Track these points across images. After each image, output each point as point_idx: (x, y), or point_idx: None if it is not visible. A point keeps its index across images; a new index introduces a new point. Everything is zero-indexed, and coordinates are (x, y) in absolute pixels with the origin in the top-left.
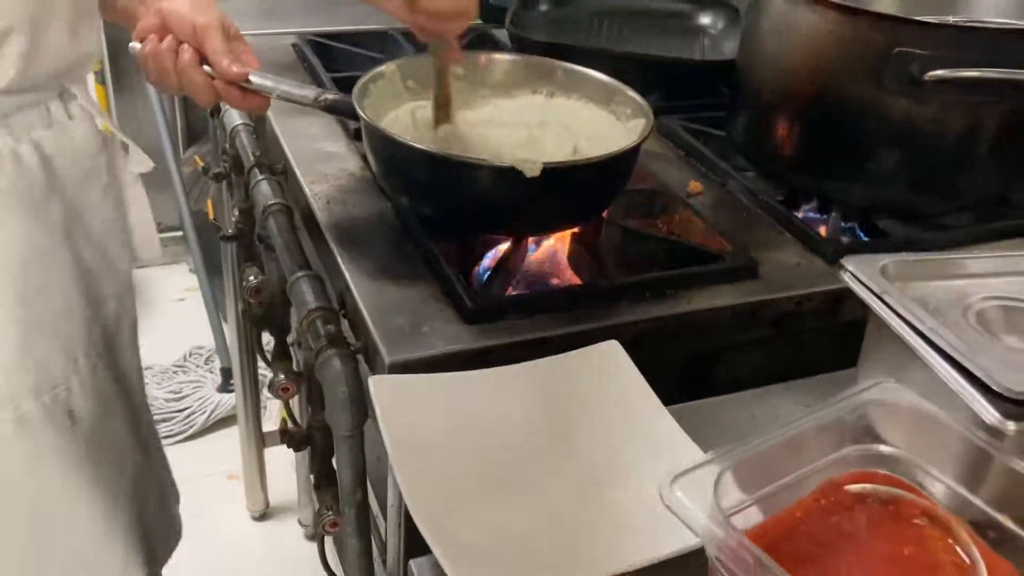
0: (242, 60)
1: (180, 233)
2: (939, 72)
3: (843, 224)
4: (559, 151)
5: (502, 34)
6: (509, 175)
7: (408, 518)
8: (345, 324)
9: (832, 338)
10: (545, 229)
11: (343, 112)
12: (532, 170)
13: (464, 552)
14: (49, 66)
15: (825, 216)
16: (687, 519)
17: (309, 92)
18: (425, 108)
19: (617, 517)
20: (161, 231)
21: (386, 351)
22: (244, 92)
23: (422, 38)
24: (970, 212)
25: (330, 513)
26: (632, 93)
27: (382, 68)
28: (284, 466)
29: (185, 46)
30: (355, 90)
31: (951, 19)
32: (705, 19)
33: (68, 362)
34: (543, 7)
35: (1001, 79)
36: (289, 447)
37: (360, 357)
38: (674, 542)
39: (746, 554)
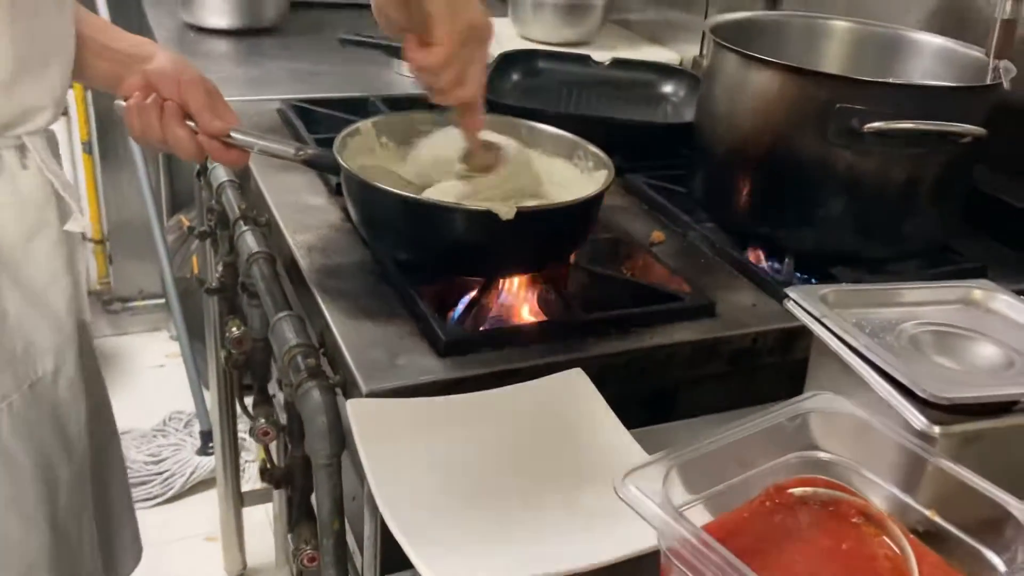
0: (224, 117)
1: (163, 300)
2: (877, 124)
3: (797, 274)
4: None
5: None
6: (484, 218)
7: (384, 548)
8: (325, 363)
9: (786, 375)
10: (516, 270)
11: (321, 165)
12: (507, 214)
13: (437, 553)
14: None
15: (779, 266)
16: (642, 512)
17: (289, 147)
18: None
19: (581, 521)
20: (144, 298)
21: (363, 381)
22: (227, 146)
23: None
24: (916, 259)
25: (308, 548)
26: (593, 148)
27: (358, 124)
28: (261, 527)
29: (169, 102)
30: (335, 143)
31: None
32: (668, 87)
33: None
34: (515, 76)
35: (933, 131)
36: (269, 484)
37: (339, 391)
38: (632, 544)
39: (703, 546)
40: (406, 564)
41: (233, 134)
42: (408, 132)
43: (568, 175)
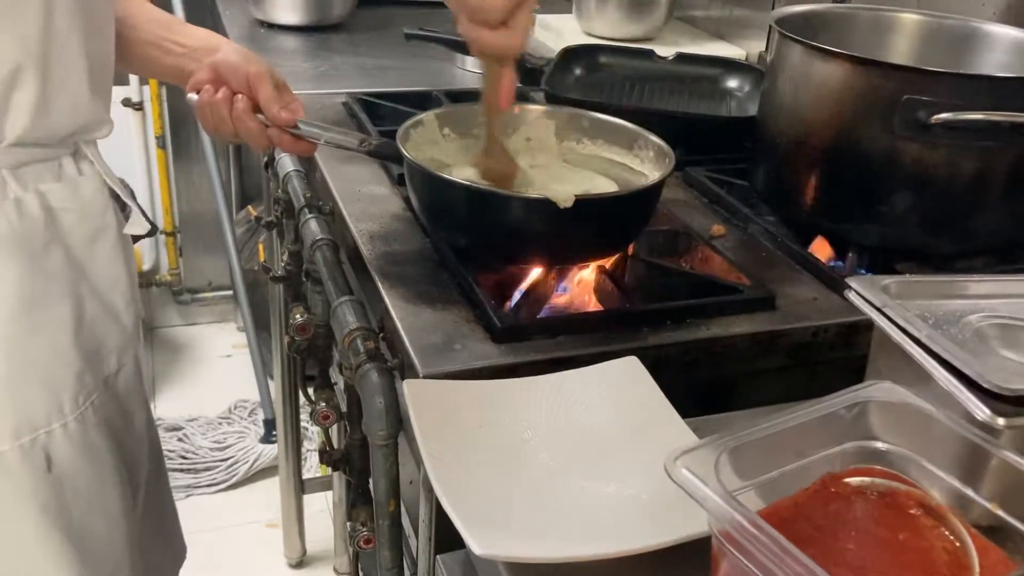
0: (291, 108)
1: (231, 292)
2: (945, 115)
3: (860, 270)
4: (587, 187)
5: (538, 95)
6: (542, 206)
7: (438, 529)
8: (384, 347)
9: (848, 370)
10: (573, 260)
11: (385, 155)
12: (565, 201)
13: (488, 532)
14: (63, 122)
15: (842, 261)
16: (694, 493)
17: (354, 138)
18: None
19: (633, 505)
20: (212, 289)
21: (420, 364)
22: (295, 138)
23: (476, 53)
24: (985, 256)
25: (364, 530)
26: (653, 137)
27: (422, 116)
28: (322, 515)
29: (239, 96)
30: (398, 134)
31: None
32: (732, 83)
33: (53, 408)
34: (577, 71)
35: (1004, 122)
36: (327, 466)
37: (396, 374)
38: (683, 529)
39: (756, 530)
40: (459, 546)
41: (300, 125)
42: (471, 123)
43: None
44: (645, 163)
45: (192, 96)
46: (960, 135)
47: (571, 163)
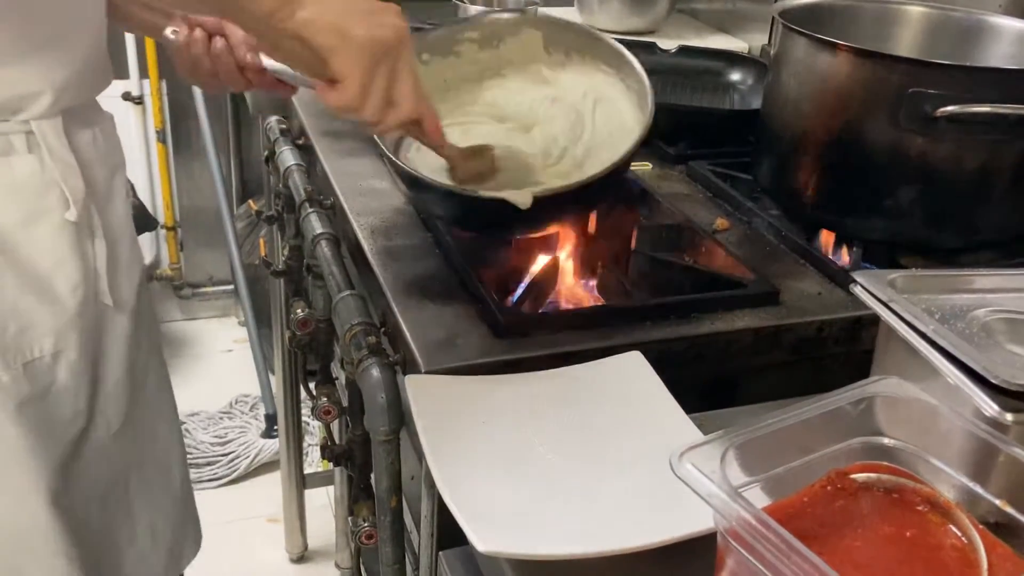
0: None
1: (232, 287)
2: (950, 108)
3: (865, 263)
4: (568, 134)
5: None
6: (502, 206)
7: (440, 525)
8: (386, 342)
9: (853, 365)
10: (546, 227)
11: None
12: (524, 203)
13: (491, 528)
14: None
15: (847, 255)
16: (699, 490)
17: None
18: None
19: (637, 501)
20: (213, 284)
21: (422, 359)
22: (275, 81)
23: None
24: (990, 250)
25: (366, 525)
26: (638, 67)
27: None
28: (323, 510)
29: (217, 36)
30: None
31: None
32: (735, 75)
33: None
34: None
35: (1010, 114)
36: (329, 461)
37: (398, 370)
38: (688, 525)
39: (761, 526)
40: (461, 542)
41: (267, 66)
42: (450, 43)
43: (613, 93)
44: (631, 94)
45: (169, 34)
46: (966, 128)
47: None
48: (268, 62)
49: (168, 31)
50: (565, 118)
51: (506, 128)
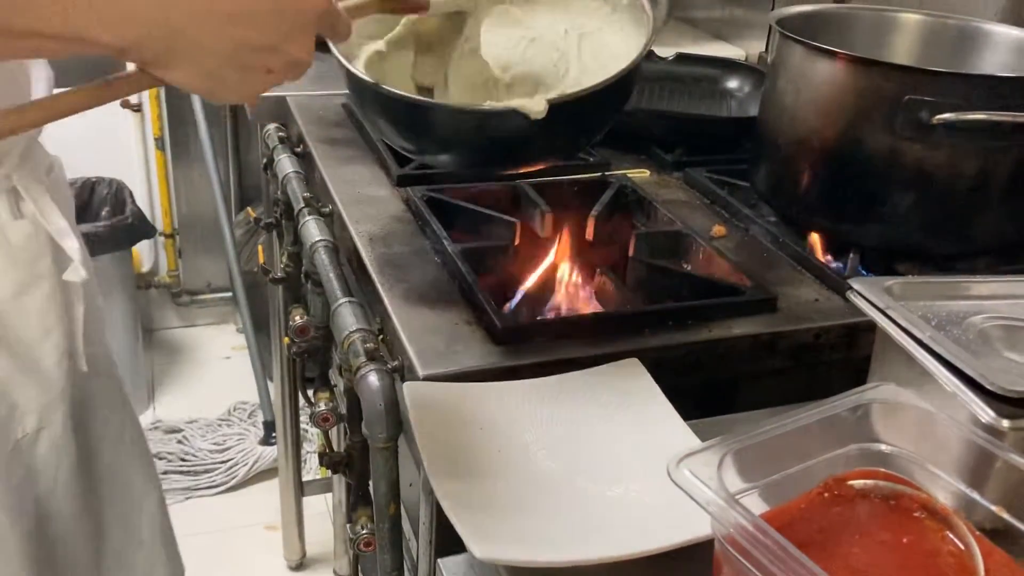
0: None
1: (230, 294)
2: (947, 116)
3: (862, 270)
4: (552, 72)
5: None
6: (514, 116)
7: (439, 532)
8: (384, 349)
9: (851, 371)
10: (548, 160)
11: None
12: (538, 111)
13: (489, 537)
14: None
15: (843, 262)
16: (696, 497)
17: None
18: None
19: (634, 508)
20: (211, 291)
21: (420, 366)
22: None
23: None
24: (986, 256)
25: (364, 532)
26: None
27: None
28: (321, 517)
29: None
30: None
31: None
32: (732, 83)
33: None
34: None
35: (1006, 122)
36: (327, 468)
37: (396, 376)
38: (685, 532)
39: (759, 533)
40: (460, 549)
41: None
42: None
43: (595, 23)
44: (618, 15)
45: None
46: (962, 135)
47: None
48: None
49: None
50: (546, 57)
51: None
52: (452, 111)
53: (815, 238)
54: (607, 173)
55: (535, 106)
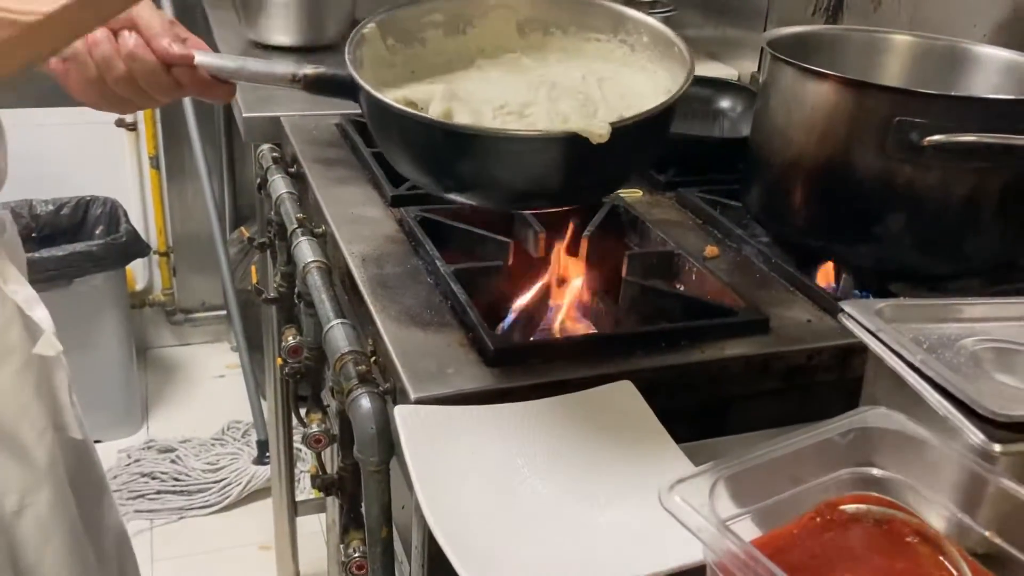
0: (187, 42)
1: (224, 312)
2: (937, 137)
3: (855, 291)
4: (580, 111)
5: None
6: (572, 143)
7: (431, 557)
8: (376, 371)
9: (843, 393)
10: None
11: (332, 87)
12: (601, 136)
13: (481, 562)
14: None
15: (836, 283)
16: (688, 524)
17: (282, 68)
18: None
19: (627, 533)
20: (206, 309)
21: (412, 388)
22: (212, 80)
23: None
24: (979, 277)
25: (357, 555)
26: (644, 19)
27: (363, 31)
28: (315, 537)
29: (124, 31)
30: (348, 56)
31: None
32: (724, 103)
33: None
34: None
35: (996, 144)
36: (319, 491)
37: (389, 399)
38: (675, 558)
39: (750, 560)
40: (452, 572)
41: (201, 59)
42: (414, 28)
43: (613, 65)
44: (636, 56)
45: None
46: (953, 156)
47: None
48: (201, 55)
49: None
50: (571, 98)
51: (497, 113)
52: (501, 137)
53: (807, 258)
54: None
55: (598, 129)
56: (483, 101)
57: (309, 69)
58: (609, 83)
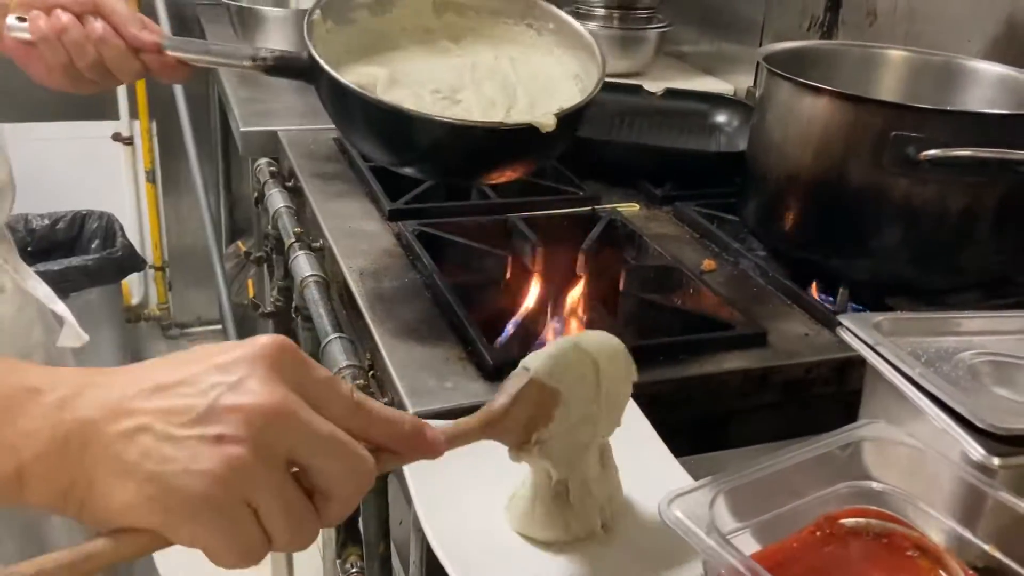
0: (151, 28)
1: (220, 326)
2: (933, 152)
3: (852, 304)
4: (502, 94)
5: None
6: (523, 131)
7: (430, 573)
8: (374, 385)
9: (842, 406)
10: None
11: (289, 71)
12: (548, 126)
13: (477, 573)
14: None
15: (833, 296)
16: (688, 537)
17: (243, 51)
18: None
19: (625, 548)
20: (201, 324)
21: (410, 403)
22: (177, 64)
23: None
24: (975, 290)
25: (354, 571)
26: (549, 8)
27: (313, 17)
28: (311, 552)
29: (89, 16)
30: (308, 37)
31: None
32: (721, 117)
33: None
34: None
35: (992, 158)
36: None
37: None
38: (676, 572)
39: (751, 574)
40: None
41: (167, 44)
42: (345, 8)
43: (522, 48)
44: (542, 39)
45: (14, 22)
46: (949, 171)
47: (459, 41)
48: (168, 40)
49: (11, 18)
50: (492, 80)
51: (433, 98)
52: (467, 127)
53: (804, 272)
54: (597, 207)
55: (547, 120)
56: (418, 83)
57: (267, 52)
58: (520, 63)
